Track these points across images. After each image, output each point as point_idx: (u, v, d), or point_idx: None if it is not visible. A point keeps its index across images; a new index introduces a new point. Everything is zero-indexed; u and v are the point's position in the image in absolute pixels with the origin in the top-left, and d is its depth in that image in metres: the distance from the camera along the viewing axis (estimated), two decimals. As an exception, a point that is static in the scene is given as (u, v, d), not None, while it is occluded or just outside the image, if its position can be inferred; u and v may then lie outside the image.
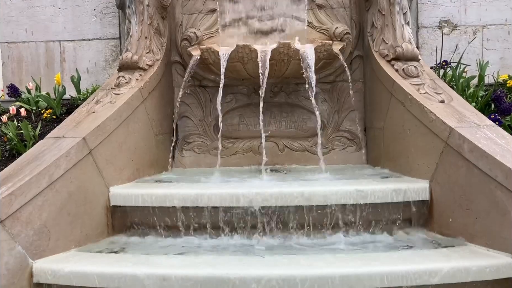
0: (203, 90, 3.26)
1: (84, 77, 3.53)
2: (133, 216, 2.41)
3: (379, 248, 2.18)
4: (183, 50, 3.15)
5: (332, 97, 3.23)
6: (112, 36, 3.59)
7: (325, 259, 2.02)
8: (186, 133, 3.26)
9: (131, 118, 2.67)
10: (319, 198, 2.26)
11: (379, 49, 2.87)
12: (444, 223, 2.28)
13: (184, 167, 3.22)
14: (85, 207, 2.31)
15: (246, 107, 3.26)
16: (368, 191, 2.28)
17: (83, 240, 2.28)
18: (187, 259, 2.09)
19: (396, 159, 2.71)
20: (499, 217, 2.01)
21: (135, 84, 2.81)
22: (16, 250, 1.99)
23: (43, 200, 2.11)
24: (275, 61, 2.78)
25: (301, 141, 3.22)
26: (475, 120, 2.34)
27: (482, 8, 3.42)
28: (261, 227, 2.29)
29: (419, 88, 2.60)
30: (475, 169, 2.11)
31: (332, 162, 3.13)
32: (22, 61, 3.68)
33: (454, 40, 3.42)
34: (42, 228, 2.10)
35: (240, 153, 3.24)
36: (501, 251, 1.99)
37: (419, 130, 2.48)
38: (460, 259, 1.96)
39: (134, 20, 2.98)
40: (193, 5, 3.19)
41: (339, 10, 3.15)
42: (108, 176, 2.46)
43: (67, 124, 2.54)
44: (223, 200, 2.28)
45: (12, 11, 3.65)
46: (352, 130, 3.19)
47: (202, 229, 2.33)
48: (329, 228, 2.30)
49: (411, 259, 1.99)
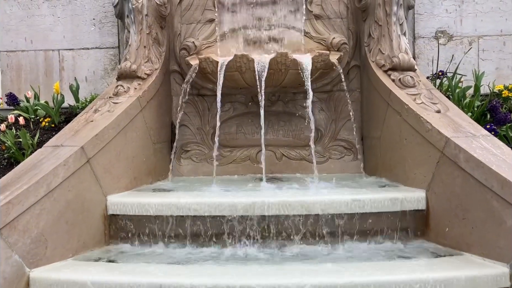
0: (201, 99, 3.27)
1: (83, 85, 3.54)
2: (130, 225, 2.41)
3: (375, 257, 2.18)
4: (182, 60, 3.18)
5: (329, 107, 3.25)
6: (111, 45, 3.61)
7: (323, 268, 2.03)
8: (184, 142, 3.27)
9: (129, 127, 2.68)
10: (316, 208, 2.27)
11: (376, 59, 2.89)
12: (440, 233, 2.29)
13: (181, 175, 3.23)
14: (83, 216, 2.31)
15: (243, 115, 3.27)
16: (365, 201, 2.29)
17: (80, 249, 2.28)
18: (185, 268, 2.08)
19: (392, 168, 2.72)
20: (495, 227, 2.02)
21: (133, 93, 2.83)
22: (13, 259, 1.99)
23: (40, 209, 2.12)
24: (272, 71, 2.80)
25: (299, 150, 3.24)
26: (471, 130, 2.36)
27: (478, 19, 3.45)
28: (253, 236, 2.29)
29: (416, 98, 2.62)
30: (471, 179, 2.12)
31: (329, 171, 3.15)
32: (21, 69, 3.69)
33: (450, 50, 3.45)
34: (40, 236, 2.10)
35: (237, 161, 3.25)
36: (498, 261, 2.00)
37: (415, 140, 2.49)
38: (456, 269, 1.96)
39: (133, 29, 3.00)
40: (192, 15, 3.22)
41: (336, 20, 3.18)
42: (106, 184, 2.46)
43: (65, 133, 2.55)
44: (222, 209, 2.28)
45: (12, 20, 3.67)
46: (349, 139, 3.21)
47: (199, 238, 2.33)
48: (326, 237, 2.31)
49: (407, 269, 1.99)
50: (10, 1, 3.66)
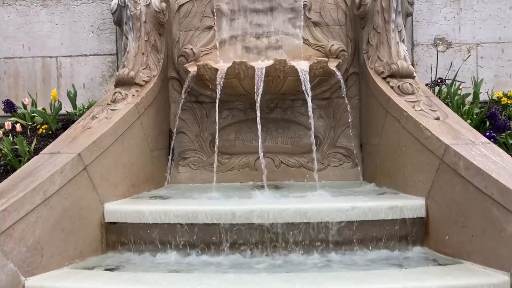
0: (199, 106, 3.26)
1: (81, 92, 3.53)
2: (127, 232, 2.39)
3: (374, 265, 2.16)
4: (180, 66, 3.17)
5: (328, 114, 3.24)
6: (109, 52, 3.61)
7: (324, 276, 2.01)
8: (182, 149, 3.26)
9: (126, 134, 2.67)
10: (315, 215, 2.25)
11: (375, 66, 2.89)
12: (440, 240, 2.27)
13: (179, 183, 3.21)
14: (80, 224, 2.29)
15: (242, 122, 3.26)
16: (364, 208, 2.28)
17: (77, 257, 2.26)
18: (182, 276, 2.06)
19: (392, 175, 2.71)
20: (495, 234, 2.01)
21: (131, 100, 2.82)
22: (8, 268, 1.97)
23: (37, 217, 2.09)
24: (271, 78, 2.80)
25: (297, 157, 3.22)
26: (470, 137, 2.35)
27: (476, 26, 3.46)
28: (254, 243, 2.27)
29: (415, 105, 2.61)
30: (471, 186, 2.11)
31: (328, 178, 3.13)
32: (19, 76, 3.68)
33: (448, 57, 3.45)
34: (35, 245, 2.08)
35: (236, 169, 3.23)
36: (498, 269, 1.98)
37: (414, 147, 2.48)
38: (456, 278, 1.94)
39: (131, 36, 2.99)
40: (190, 22, 3.22)
41: (334, 27, 3.18)
42: (103, 192, 2.45)
43: (62, 140, 2.54)
44: (220, 217, 2.26)
45: (10, 26, 3.67)
46: (348, 146, 3.20)
47: (198, 246, 2.31)
48: (325, 245, 2.29)
49: (406, 277, 1.97)
50: (8, 8, 3.66)
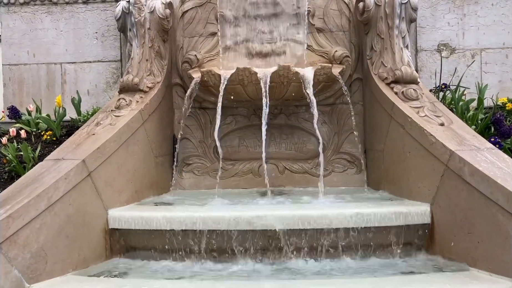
0: (203, 112, 3.26)
1: (85, 99, 3.54)
2: (131, 239, 2.39)
3: (380, 272, 2.15)
4: (184, 73, 3.18)
5: (332, 119, 3.23)
6: (113, 59, 3.62)
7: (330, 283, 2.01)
8: (186, 155, 3.26)
9: (131, 140, 2.67)
10: (320, 222, 2.24)
11: (378, 72, 2.89)
12: (446, 247, 2.26)
13: (183, 189, 3.21)
14: (84, 230, 2.29)
15: (246, 128, 3.26)
16: (369, 215, 2.26)
17: (81, 264, 2.25)
18: (186, 283, 2.05)
19: (396, 181, 2.70)
20: (501, 241, 1.99)
21: (135, 106, 2.82)
22: (12, 274, 1.96)
23: (41, 223, 2.09)
24: (275, 84, 2.80)
25: (301, 163, 3.22)
26: (475, 143, 2.34)
27: (480, 32, 3.45)
28: (261, 250, 2.26)
29: (419, 111, 2.61)
30: (476, 192, 2.10)
31: (332, 184, 3.12)
32: (23, 83, 3.70)
33: (453, 63, 3.44)
34: (40, 251, 2.08)
35: (239, 175, 3.22)
36: (504, 276, 1.96)
37: (419, 153, 2.47)
38: (462, 285, 1.93)
39: (135, 43, 3.00)
40: (194, 29, 3.23)
41: (338, 33, 3.18)
42: (107, 198, 2.44)
43: (66, 146, 2.54)
44: (224, 224, 2.25)
45: (15, 33, 3.68)
46: (352, 152, 3.19)
47: (202, 253, 2.30)
48: (329, 252, 2.28)
49: (411, 284, 1.96)
50: (13, 15, 3.69)
